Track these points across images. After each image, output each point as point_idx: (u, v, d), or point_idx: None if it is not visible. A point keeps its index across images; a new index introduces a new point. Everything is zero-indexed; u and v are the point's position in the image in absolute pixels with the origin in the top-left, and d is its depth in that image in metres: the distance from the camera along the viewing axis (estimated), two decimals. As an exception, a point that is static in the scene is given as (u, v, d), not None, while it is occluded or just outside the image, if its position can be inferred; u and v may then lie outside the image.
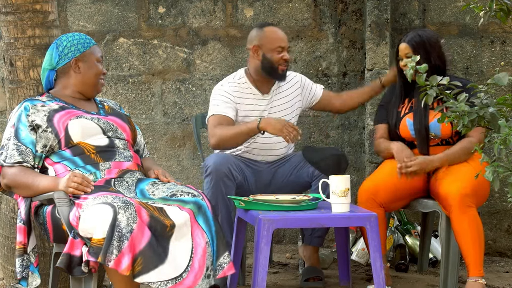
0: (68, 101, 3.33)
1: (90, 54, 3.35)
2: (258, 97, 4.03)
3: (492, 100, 2.51)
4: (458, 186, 3.53)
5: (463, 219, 3.50)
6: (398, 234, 4.38)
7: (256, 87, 4.04)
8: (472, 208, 3.52)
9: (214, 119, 3.94)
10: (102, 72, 3.38)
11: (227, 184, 3.74)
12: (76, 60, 3.33)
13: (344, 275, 3.83)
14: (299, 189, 3.95)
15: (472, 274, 3.51)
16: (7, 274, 3.76)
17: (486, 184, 3.62)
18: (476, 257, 3.51)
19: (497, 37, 4.66)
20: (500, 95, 4.36)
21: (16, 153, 3.16)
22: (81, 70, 3.34)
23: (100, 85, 3.39)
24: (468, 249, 3.51)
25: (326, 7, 4.82)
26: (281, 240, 4.92)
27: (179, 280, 2.91)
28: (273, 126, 3.76)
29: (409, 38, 3.79)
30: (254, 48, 4.00)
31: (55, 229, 3.10)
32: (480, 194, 3.62)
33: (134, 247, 2.84)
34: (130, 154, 3.31)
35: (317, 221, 3.29)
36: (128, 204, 2.89)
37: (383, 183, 3.73)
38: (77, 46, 3.34)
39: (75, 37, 3.37)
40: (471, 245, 3.50)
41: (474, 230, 3.51)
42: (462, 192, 3.51)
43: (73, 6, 4.94)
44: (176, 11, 4.90)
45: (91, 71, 3.35)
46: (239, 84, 4.03)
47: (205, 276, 2.99)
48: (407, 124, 3.82)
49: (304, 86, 4.16)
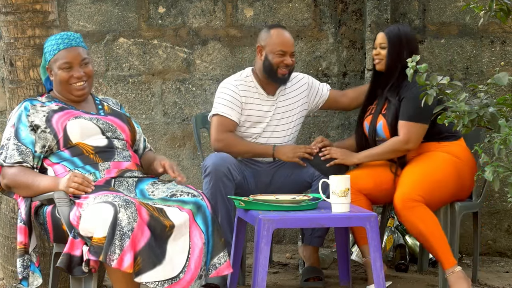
0: (67, 102, 3.33)
1: (54, 61, 3.31)
2: (262, 97, 4.03)
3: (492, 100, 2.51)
4: (399, 191, 3.59)
5: (411, 220, 3.55)
6: (398, 234, 4.38)
7: (262, 87, 4.04)
8: (416, 207, 3.54)
9: (219, 122, 3.95)
10: (69, 77, 3.28)
11: (226, 184, 3.74)
12: (48, 68, 3.34)
13: (344, 275, 3.83)
14: (299, 189, 3.94)
15: (447, 267, 3.55)
16: (7, 274, 3.76)
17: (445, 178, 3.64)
18: (443, 250, 3.55)
19: (497, 37, 4.66)
20: (500, 95, 4.36)
21: (16, 153, 3.15)
22: (53, 77, 3.33)
23: (75, 89, 3.30)
24: (431, 246, 3.56)
25: (326, 7, 4.82)
26: (281, 240, 4.92)
27: (176, 280, 2.92)
28: (286, 155, 3.95)
29: (388, 30, 3.84)
30: (259, 48, 4.01)
31: (55, 229, 3.10)
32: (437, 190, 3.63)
33: (135, 245, 2.84)
34: (129, 154, 3.31)
35: (317, 221, 3.29)
36: (129, 203, 2.89)
37: (363, 171, 3.82)
38: (45, 55, 3.34)
39: (48, 43, 3.34)
40: (432, 242, 3.54)
41: (428, 226, 3.54)
42: (401, 197, 3.56)
43: (73, 6, 4.94)
44: (176, 11, 4.90)
45: (56, 78, 3.31)
46: (245, 83, 4.03)
47: (198, 277, 3.00)
48: (365, 126, 3.90)
49: (312, 88, 4.15)
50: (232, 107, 3.96)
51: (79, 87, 3.30)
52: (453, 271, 3.54)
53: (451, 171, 3.66)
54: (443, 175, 3.64)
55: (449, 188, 3.67)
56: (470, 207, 3.87)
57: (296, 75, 4.14)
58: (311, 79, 4.19)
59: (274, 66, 3.97)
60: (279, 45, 3.97)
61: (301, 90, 4.12)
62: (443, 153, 3.70)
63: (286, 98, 4.07)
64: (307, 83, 4.14)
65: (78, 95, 3.31)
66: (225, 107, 3.96)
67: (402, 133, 3.70)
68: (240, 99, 3.97)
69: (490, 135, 2.48)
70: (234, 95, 3.97)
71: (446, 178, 3.64)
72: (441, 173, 3.65)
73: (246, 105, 3.98)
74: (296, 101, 4.09)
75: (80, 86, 3.30)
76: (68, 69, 3.28)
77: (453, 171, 3.66)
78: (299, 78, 4.15)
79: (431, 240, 3.55)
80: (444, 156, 3.69)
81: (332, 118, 4.84)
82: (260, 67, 4.02)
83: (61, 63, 3.28)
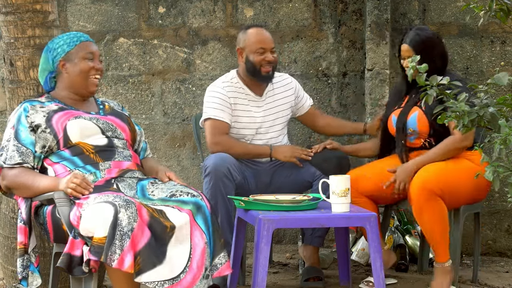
0: (67, 102, 3.32)
1: (76, 51, 3.30)
2: (250, 98, 4.04)
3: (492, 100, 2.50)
4: (419, 179, 3.58)
5: (426, 210, 3.56)
6: (398, 234, 4.38)
7: (249, 88, 4.05)
8: (433, 200, 3.55)
9: (213, 125, 3.95)
10: (90, 68, 3.30)
11: (226, 184, 3.74)
12: (62, 61, 3.31)
13: (344, 275, 3.83)
14: (299, 189, 3.95)
15: (440, 260, 3.62)
16: (7, 274, 3.76)
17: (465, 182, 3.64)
18: (442, 245, 3.61)
19: (497, 37, 4.66)
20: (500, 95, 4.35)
21: (16, 154, 3.15)
22: (68, 70, 3.31)
23: (91, 83, 3.31)
24: (433, 239, 3.61)
25: (326, 7, 4.82)
26: (281, 240, 4.92)
27: (177, 280, 2.91)
28: (284, 155, 3.95)
29: (409, 39, 3.79)
30: (239, 50, 4.03)
31: (55, 229, 3.10)
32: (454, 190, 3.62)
33: (135, 246, 2.84)
34: (129, 154, 3.31)
35: (317, 221, 3.29)
36: (129, 203, 2.89)
37: (364, 173, 3.80)
38: (63, 47, 3.31)
39: (63, 37, 3.34)
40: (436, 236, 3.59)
41: (440, 221, 3.57)
42: (422, 185, 3.55)
43: (73, 6, 4.94)
44: (176, 11, 4.90)
45: (76, 69, 3.29)
46: (232, 84, 4.03)
47: (203, 276, 2.99)
48: (392, 120, 3.86)
49: (297, 94, 4.18)
50: (223, 109, 3.96)
51: (95, 81, 3.32)
52: (443, 265, 3.61)
53: (471, 178, 3.63)
54: (464, 179, 3.63)
55: (465, 193, 3.67)
56: (473, 208, 3.87)
57: (284, 77, 4.17)
58: (298, 85, 4.21)
59: (256, 65, 3.97)
60: (257, 43, 3.97)
61: (288, 90, 4.14)
62: (466, 159, 3.69)
63: (275, 99, 4.08)
64: (294, 88, 4.17)
65: (91, 90, 3.33)
66: (216, 110, 3.97)
67: (458, 131, 3.65)
68: (229, 100, 3.98)
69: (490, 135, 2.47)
70: (222, 97, 3.98)
71: (465, 182, 3.63)
72: (462, 176, 3.63)
73: (235, 106, 3.99)
74: (285, 102, 4.11)
75: (96, 81, 3.32)
76: (91, 60, 3.30)
77: (472, 178, 3.64)
78: (287, 80, 4.18)
79: (437, 233, 3.58)
80: (466, 163, 3.67)
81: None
82: (243, 69, 4.03)
83: (85, 53, 3.30)
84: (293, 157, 3.95)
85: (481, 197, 3.84)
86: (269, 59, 3.97)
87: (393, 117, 3.87)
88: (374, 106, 4.56)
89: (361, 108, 4.75)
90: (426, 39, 3.78)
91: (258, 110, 4.04)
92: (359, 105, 4.80)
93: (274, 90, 4.09)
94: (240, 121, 4.00)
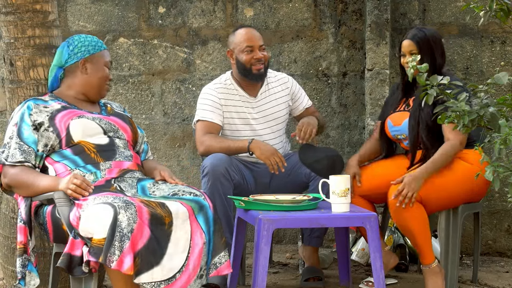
0: (70, 102, 3.33)
1: (99, 57, 3.36)
2: (244, 99, 4.04)
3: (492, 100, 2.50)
4: (394, 187, 3.56)
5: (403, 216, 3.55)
6: (398, 234, 4.38)
7: (243, 89, 4.05)
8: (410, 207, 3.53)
9: (202, 126, 3.96)
10: (108, 77, 3.39)
11: (224, 184, 3.74)
12: (84, 61, 3.33)
13: (344, 275, 3.83)
14: (298, 189, 3.94)
15: (426, 263, 3.62)
16: (7, 274, 3.76)
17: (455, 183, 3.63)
18: (425, 248, 3.61)
19: (497, 37, 4.66)
20: (500, 95, 4.36)
21: (18, 153, 3.16)
22: (88, 71, 3.34)
23: (105, 89, 3.40)
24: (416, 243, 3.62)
25: (326, 7, 4.82)
26: (281, 240, 4.92)
27: (172, 280, 2.92)
28: (261, 151, 3.82)
29: (412, 35, 3.77)
30: (229, 53, 4.04)
31: (55, 229, 3.10)
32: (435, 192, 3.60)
33: (134, 247, 2.84)
34: (130, 154, 3.31)
35: (317, 221, 3.29)
36: (129, 204, 2.89)
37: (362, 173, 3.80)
38: (88, 47, 3.35)
39: (87, 38, 3.38)
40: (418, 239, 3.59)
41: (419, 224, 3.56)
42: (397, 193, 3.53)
43: (73, 6, 4.94)
44: (176, 11, 4.90)
45: (97, 74, 3.35)
46: (225, 85, 4.03)
47: (198, 276, 3.00)
48: (387, 125, 3.85)
49: (293, 93, 4.16)
50: (213, 111, 3.96)
51: (108, 88, 3.43)
52: (429, 266, 3.61)
53: (459, 177, 3.61)
54: (449, 179, 3.61)
55: (452, 193, 3.64)
56: (472, 208, 3.86)
57: (280, 77, 4.16)
58: (296, 85, 4.19)
59: (246, 64, 3.97)
60: (244, 42, 3.97)
61: (283, 91, 4.12)
62: (456, 159, 3.66)
63: (270, 100, 4.08)
64: (289, 88, 4.15)
65: (104, 95, 3.42)
66: (205, 112, 3.97)
67: (453, 136, 3.61)
68: (219, 101, 3.98)
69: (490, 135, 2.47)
70: (213, 99, 3.98)
71: (456, 183, 3.61)
72: (452, 177, 3.61)
73: (227, 107, 3.98)
74: (280, 103, 4.11)
75: (108, 88, 3.44)
76: (109, 69, 3.41)
77: (462, 177, 3.62)
78: (283, 80, 4.16)
79: (418, 237, 3.59)
80: (456, 161, 3.65)
81: (332, 118, 4.84)
82: (235, 71, 4.04)
83: (107, 61, 3.39)
84: (269, 159, 3.81)
85: (479, 196, 3.81)
86: (257, 57, 3.97)
87: (388, 121, 3.86)
88: (374, 106, 4.56)
89: (361, 108, 4.76)
90: (429, 35, 3.76)
91: (252, 111, 4.04)
92: (359, 105, 4.80)
93: (269, 90, 4.09)
94: (235, 122, 4.01)
